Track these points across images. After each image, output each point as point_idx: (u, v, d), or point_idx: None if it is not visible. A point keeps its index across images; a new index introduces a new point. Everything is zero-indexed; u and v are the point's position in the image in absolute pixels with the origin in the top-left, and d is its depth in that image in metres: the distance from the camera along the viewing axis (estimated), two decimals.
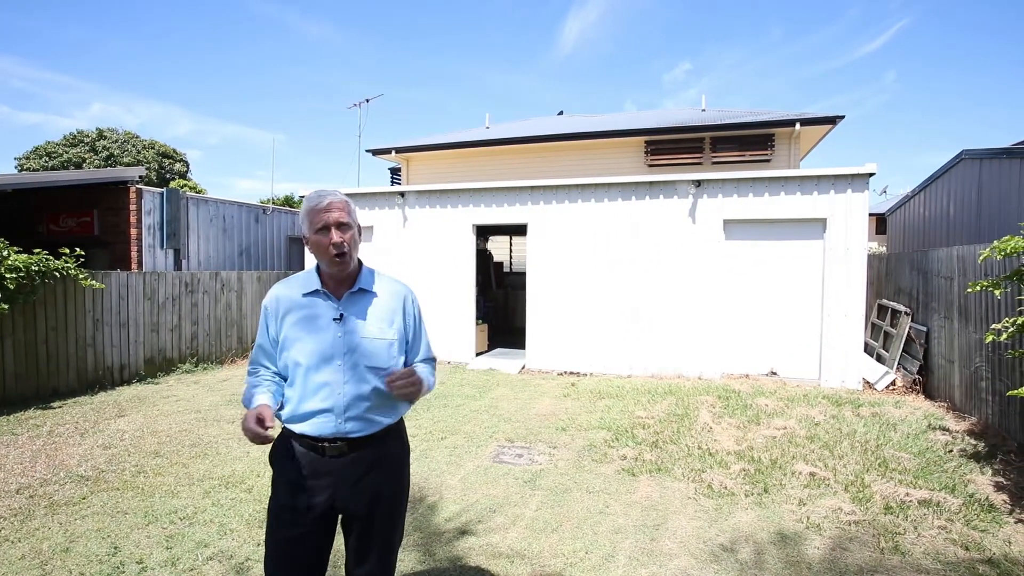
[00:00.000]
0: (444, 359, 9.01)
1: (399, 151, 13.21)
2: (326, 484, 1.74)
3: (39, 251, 6.16)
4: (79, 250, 6.63)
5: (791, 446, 4.78)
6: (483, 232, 12.69)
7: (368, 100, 15.94)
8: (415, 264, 9.34)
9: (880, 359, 7.97)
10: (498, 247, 15.54)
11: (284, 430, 1.81)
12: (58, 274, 6.40)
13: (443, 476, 4.18)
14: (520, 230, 9.65)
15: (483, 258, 12.86)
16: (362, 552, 1.82)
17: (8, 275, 5.70)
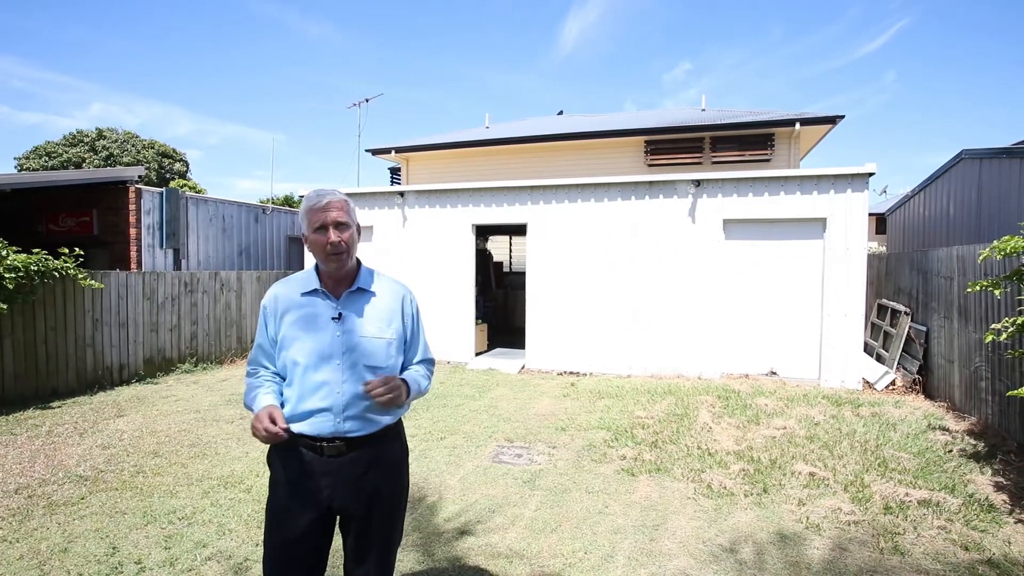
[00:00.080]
0: (444, 359, 9.00)
1: (399, 151, 13.21)
2: (325, 484, 1.73)
3: (38, 251, 6.15)
4: (78, 250, 6.63)
5: (791, 446, 4.77)
6: (483, 232, 12.70)
7: (368, 100, 16.02)
8: (415, 264, 9.33)
9: (880, 359, 7.97)
10: (498, 247, 15.54)
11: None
12: (57, 274, 6.40)
13: (442, 476, 4.17)
14: (520, 230, 9.64)
15: (483, 258, 12.86)
16: (361, 552, 1.82)
17: (7, 275, 5.69)
